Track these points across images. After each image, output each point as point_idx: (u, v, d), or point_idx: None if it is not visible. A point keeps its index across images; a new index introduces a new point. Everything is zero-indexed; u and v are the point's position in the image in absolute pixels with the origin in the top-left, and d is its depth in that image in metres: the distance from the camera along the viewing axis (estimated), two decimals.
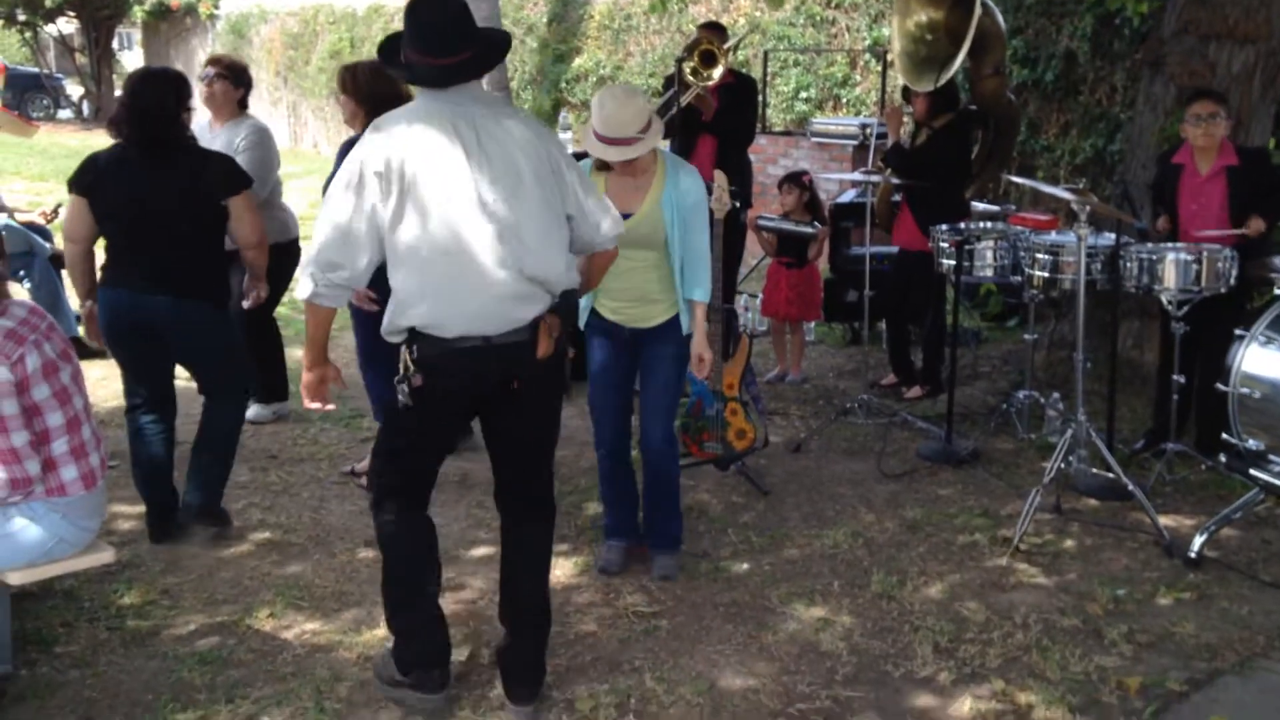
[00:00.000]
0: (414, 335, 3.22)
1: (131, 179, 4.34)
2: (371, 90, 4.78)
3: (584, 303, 4.32)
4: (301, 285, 3.21)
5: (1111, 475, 4.88)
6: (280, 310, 6.39)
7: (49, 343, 3.45)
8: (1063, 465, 4.90)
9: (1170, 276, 5.04)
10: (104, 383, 6.34)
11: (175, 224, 4.34)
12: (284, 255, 5.80)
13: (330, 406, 3.50)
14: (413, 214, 3.12)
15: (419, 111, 3.20)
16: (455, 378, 3.25)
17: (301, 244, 6.04)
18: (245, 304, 4.83)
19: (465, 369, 3.24)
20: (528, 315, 3.25)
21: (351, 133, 4.89)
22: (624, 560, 4.41)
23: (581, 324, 4.30)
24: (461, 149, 3.14)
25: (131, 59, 31.16)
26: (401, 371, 3.24)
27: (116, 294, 4.41)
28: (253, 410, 6.23)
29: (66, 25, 28.12)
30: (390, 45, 3.30)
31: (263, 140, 5.73)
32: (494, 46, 3.36)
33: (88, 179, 4.39)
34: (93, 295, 4.49)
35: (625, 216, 4.07)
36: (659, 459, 4.32)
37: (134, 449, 4.59)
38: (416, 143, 3.12)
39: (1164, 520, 4.68)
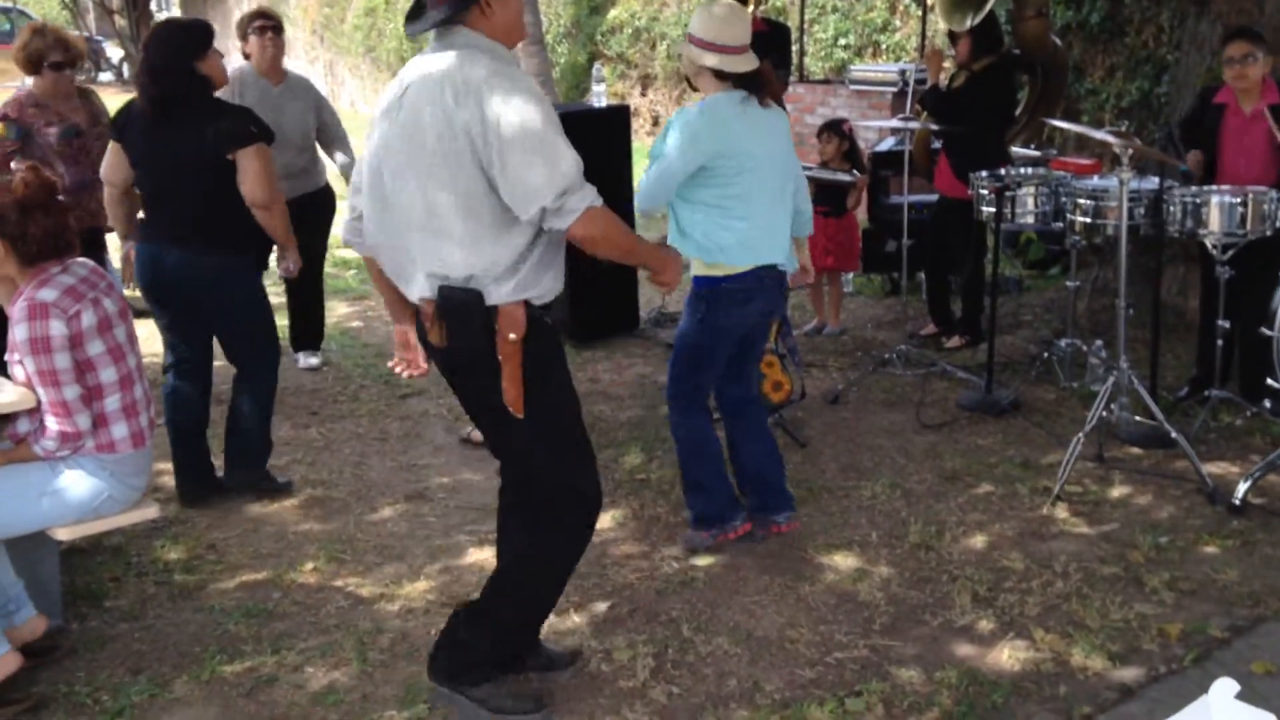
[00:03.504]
0: None
1: (149, 132, 4.35)
2: None
3: None
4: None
5: (1154, 423, 4.83)
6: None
7: (108, 299, 3.51)
8: (1105, 413, 4.84)
9: (1215, 220, 4.95)
10: (146, 341, 6.40)
11: (191, 179, 4.31)
12: (318, 199, 6.06)
13: None
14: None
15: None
16: None
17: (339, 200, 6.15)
18: (280, 275, 4.79)
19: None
20: (412, 292, 3.03)
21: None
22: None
23: None
24: (385, 104, 3.04)
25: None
26: None
27: (144, 248, 4.45)
28: (305, 359, 6.40)
29: None
30: None
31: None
32: None
33: (120, 124, 4.46)
34: (133, 238, 4.56)
35: None
36: None
37: (166, 409, 4.60)
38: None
39: (1208, 467, 4.62)
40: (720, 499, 4.17)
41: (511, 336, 2.92)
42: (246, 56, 5.87)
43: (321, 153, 6.20)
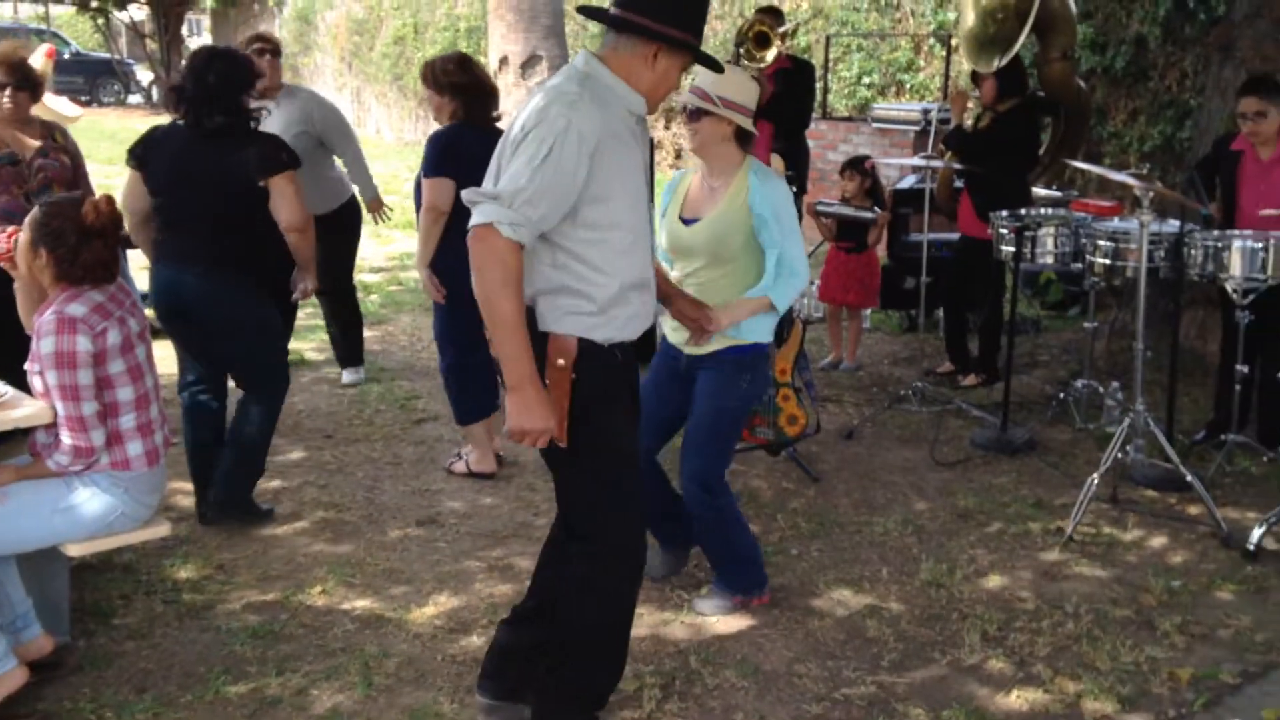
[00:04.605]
0: None
1: (176, 155, 4.37)
2: (450, 82, 4.88)
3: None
4: None
5: (1170, 466, 4.80)
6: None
7: (132, 319, 3.55)
8: (1120, 455, 4.82)
9: (1235, 264, 4.93)
10: (164, 361, 6.43)
11: (211, 203, 4.33)
12: (343, 216, 6.11)
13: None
14: None
15: None
16: None
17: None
18: (294, 297, 4.77)
19: None
20: None
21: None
22: (662, 564, 4.16)
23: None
24: None
25: (200, 45, 31.63)
26: None
27: (158, 270, 4.46)
28: (348, 375, 6.54)
29: (138, 12, 28.63)
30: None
31: (329, 104, 6.22)
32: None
33: (139, 151, 4.43)
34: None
35: (691, 222, 3.88)
36: (688, 500, 3.89)
37: (186, 428, 4.63)
38: None
39: (1223, 512, 4.58)
40: (758, 566, 4.02)
41: (560, 363, 2.87)
42: None
43: (340, 166, 6.25)
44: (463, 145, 4.76)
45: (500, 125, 5.13)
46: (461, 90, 4.86)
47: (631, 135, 2.93)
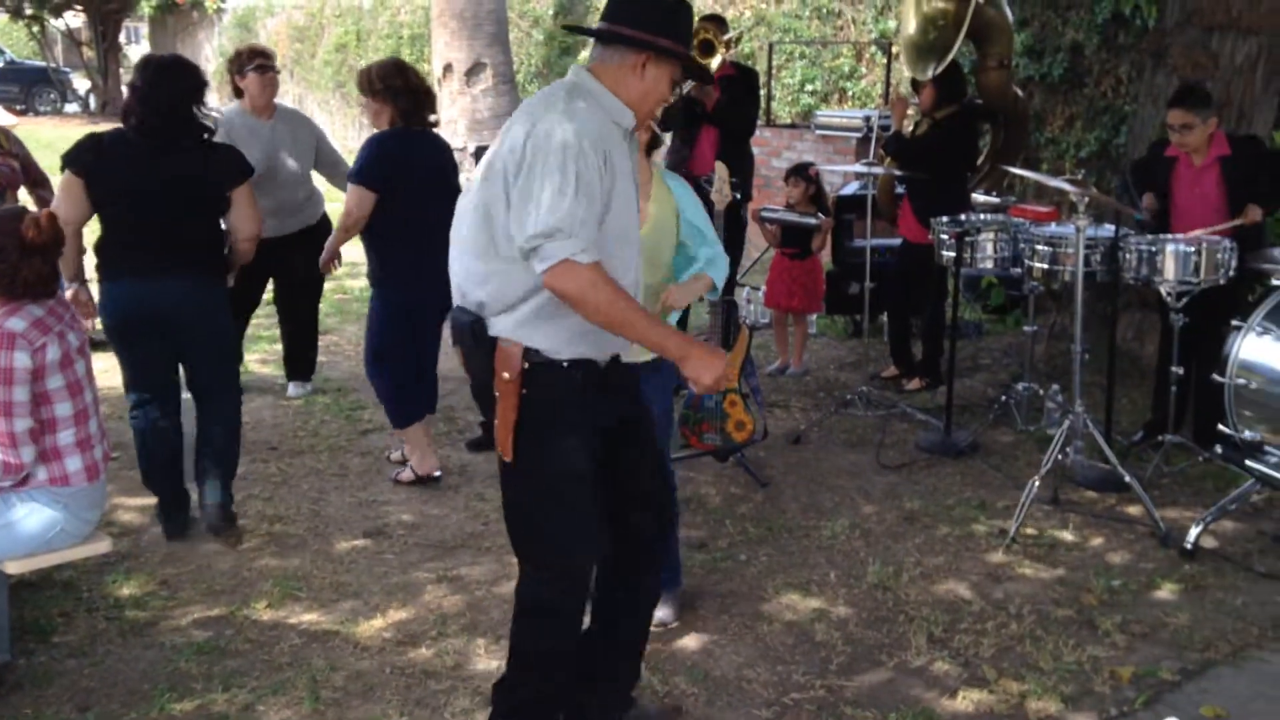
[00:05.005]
0: None
1: (139, 163, 4.26)
2: (387, 86, 4.89)
3: None
4: None
5: (1109, 467, 4.88)
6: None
7: (72, 333, 3.51)
8: (1060, 457, 4.90)
9: (1169, 268, 5.03)
10: (105, 374, 6.34)
11: (187, 209, 4.31)
12: (325, 227, 6.10)
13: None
14: None
15: None
16: None
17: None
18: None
19: None
20: (464, 319, 2.93)
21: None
22: None
23: None
24: None
25: (138, 53, 31.19)
26: None
27: (128, 284, 4.32)
28: (294, 388, 6.48)
29: (74, 19, 28.19)
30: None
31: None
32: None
33: (87, 159, 4.26)
34: (80, 279, 4.48)
35: None
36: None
37: (144, 445, 4.53)
38: None
39: (1161, 512, 4.67)
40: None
41: (505, 376, 2.83)
42: (238, 92, 5.89)
43: (318, 183, 6.23)
44: (399, 151, 4.83)
45: (439, 132, 5.16)
46: (399, 94, 4.89)
47: (619, 147, 2.89)
